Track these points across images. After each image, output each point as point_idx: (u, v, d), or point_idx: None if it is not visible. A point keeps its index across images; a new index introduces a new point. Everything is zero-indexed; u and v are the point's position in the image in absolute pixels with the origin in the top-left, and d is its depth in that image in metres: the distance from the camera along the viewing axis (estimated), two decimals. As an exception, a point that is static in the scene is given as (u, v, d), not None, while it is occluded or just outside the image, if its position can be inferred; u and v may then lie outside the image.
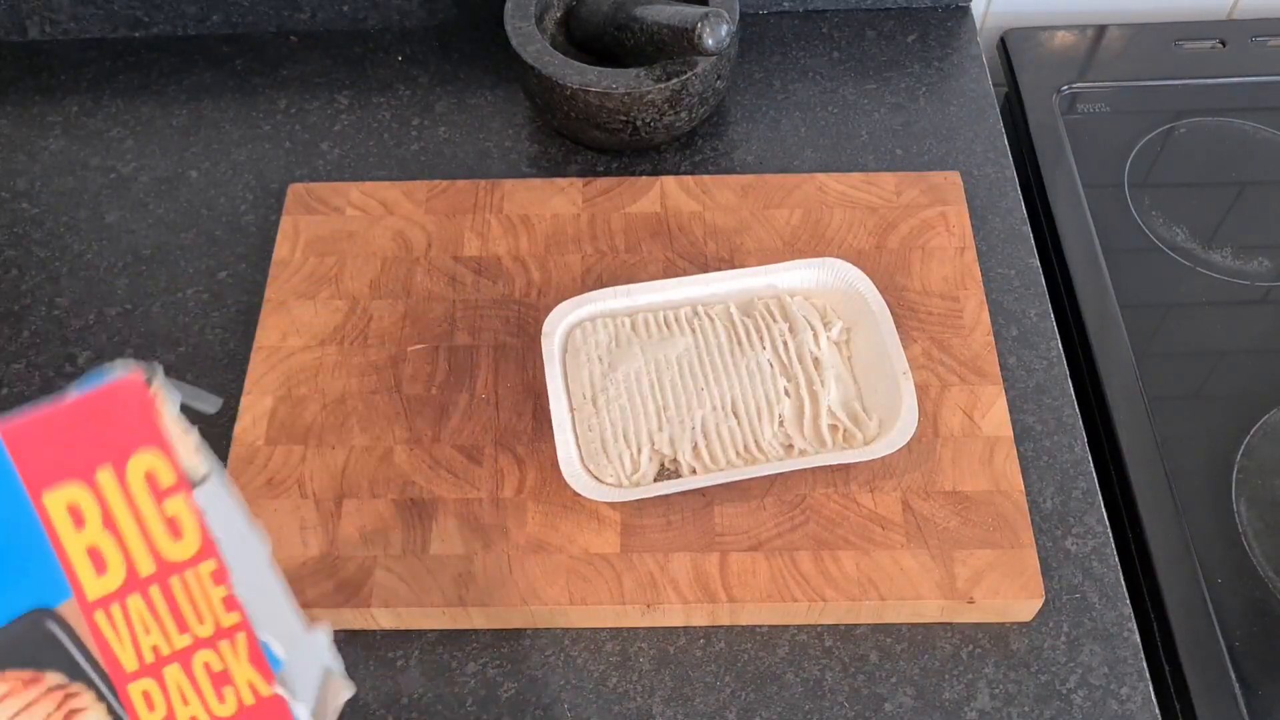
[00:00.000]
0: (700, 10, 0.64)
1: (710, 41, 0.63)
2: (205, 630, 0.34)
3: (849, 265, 0.63)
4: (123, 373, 0.34)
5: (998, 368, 0.61)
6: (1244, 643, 0.56)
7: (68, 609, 0.33)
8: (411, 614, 0.55)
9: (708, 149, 0.75)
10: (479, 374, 0.62)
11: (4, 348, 0.67)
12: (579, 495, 0.56)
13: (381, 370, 0.62)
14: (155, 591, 0.34)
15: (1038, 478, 0.60)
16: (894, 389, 0.58)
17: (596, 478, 0.57)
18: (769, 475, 0.57)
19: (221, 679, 0.35)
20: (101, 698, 0.34)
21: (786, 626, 0.56)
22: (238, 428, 0.60)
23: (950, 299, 0.64)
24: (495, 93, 0.78)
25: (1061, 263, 0.71)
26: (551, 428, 0.58)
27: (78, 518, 0.32)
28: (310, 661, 0.37)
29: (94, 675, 0.33)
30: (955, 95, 0.77)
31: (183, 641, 0.34)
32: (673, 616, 0.55)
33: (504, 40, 0.70)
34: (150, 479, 0.34)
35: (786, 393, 0.59)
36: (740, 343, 0.61)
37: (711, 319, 0.62)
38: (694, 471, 0.57)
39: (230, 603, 0.35)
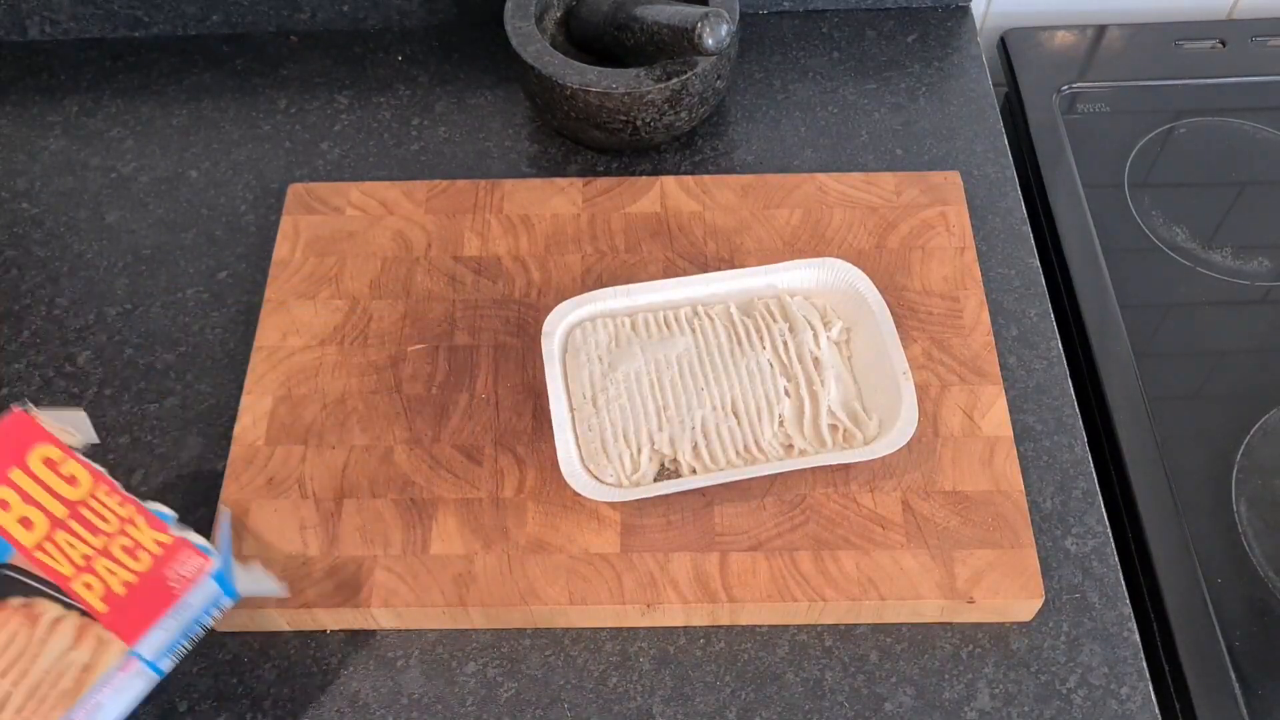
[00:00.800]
0: (700, 10, 0.64)
1: (710, 41, 0.63)
2: (112, 526, 0.48)
3: (849, 265, 0.63)
4: (8, 413, 0.49)
5: (998, 368, 0.61)
6: (1244, 643, 0.56)
7: (14, 559, 0.48)
8: (411, 614, 0.55)
9: (708, 149, 0.75)
10: (479, 374, 0.62)
11: (4, 348, 0.67)
12: (579, 495, 0.56)
13: (381, 370, 0.62)
14: (72, 523, 0.48)
15: (1038, 478, 0.60)
16: (894, 389, 0.58)
17: (596, 478, 0.57)
18: (769, 475, 0.57)
19: (135, 548, 0.48)
20: (55, 600, 0.47)
21: (786, 626, 0.56)
22: (238, 428, 0.60)
23: (950, 299, 0.64)
24: (495, 93, 0.79)
25: (1061, 263, 0.71)
26: (551, 428, 0.58)
27: (4, 505, 0.48)
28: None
29: (45, 589, 0.47)
30: (955, 95, 0.77)
31: (100, 541, 0.48)
32: (673, 616, 0.55)
33: (504, 40, 0.70)
34: (48, 462, 0.49)
35: (786, 393, 0.59)
36: (740, 343, 0.61)
37: (711, 319, 0.62)
38: (694, 471, 0.57)
39: (123, 501, 0.49)
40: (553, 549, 0.56)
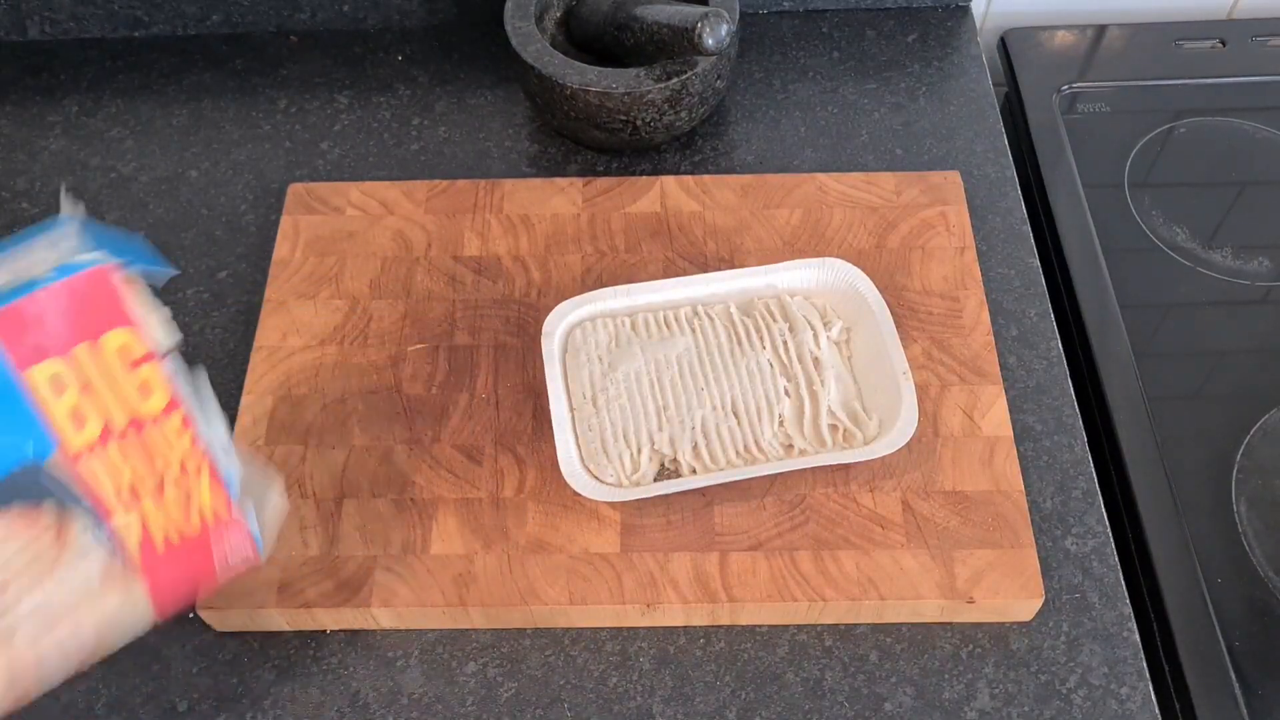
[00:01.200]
0: (700, 10, 0.64)
1: (710, 41, 0.63)
2: (174, 469, 0.41)
3: (849, 265, 0.63)
4: (94, 263, 0.39)
5: (998, 368, 0.61)
6: (1244, 643, 0.56)
7: (55, 461, 0.39)
8: (411, 614, 0.55)
9: (708, 149, 0.75)
10: (479, 374, 0.62)
11: (4, 348, 0.67)
12: (579, 495, 0.56)
13: (381, 370, 0.62)
14: (130, 440, 0.40)
15: (1038, 478, 0.60)
16: (894, 389, 0.58)
17: (596, 478, 0.57)
18: (769, 475, 0.57)
19: (189, 505, 0.41)
20: (89, 525, 0.40)
21: (786, 626, 0.56)
22: (238, 428, 0.60)
23: (950, 299, 0.64)
24: (495, 93, 0.79)
25: (1061, 263, 0.71)
26: (551, 428, 0.58)
27: (59, 387, 0.38)
28: (262, 498, 0.46)
29: (82, 508, 0.40)
30: (955, 95, 0.77)
31: (154, 479, 0.40)
32: (673, 616, 0.55)
33: (504, 40, 0.70)
34: (123, 352, 0.39)
35: (786, 393, 0.59)
36: (740, 343, 0.61)
37: (711, 319, 0.62)
38: (694, 471, 0.57)
39: (195, 446, 0.42)
40: (553, 549, 0.56)
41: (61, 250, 0.39)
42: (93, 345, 0.39)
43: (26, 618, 0.40)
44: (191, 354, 0.66)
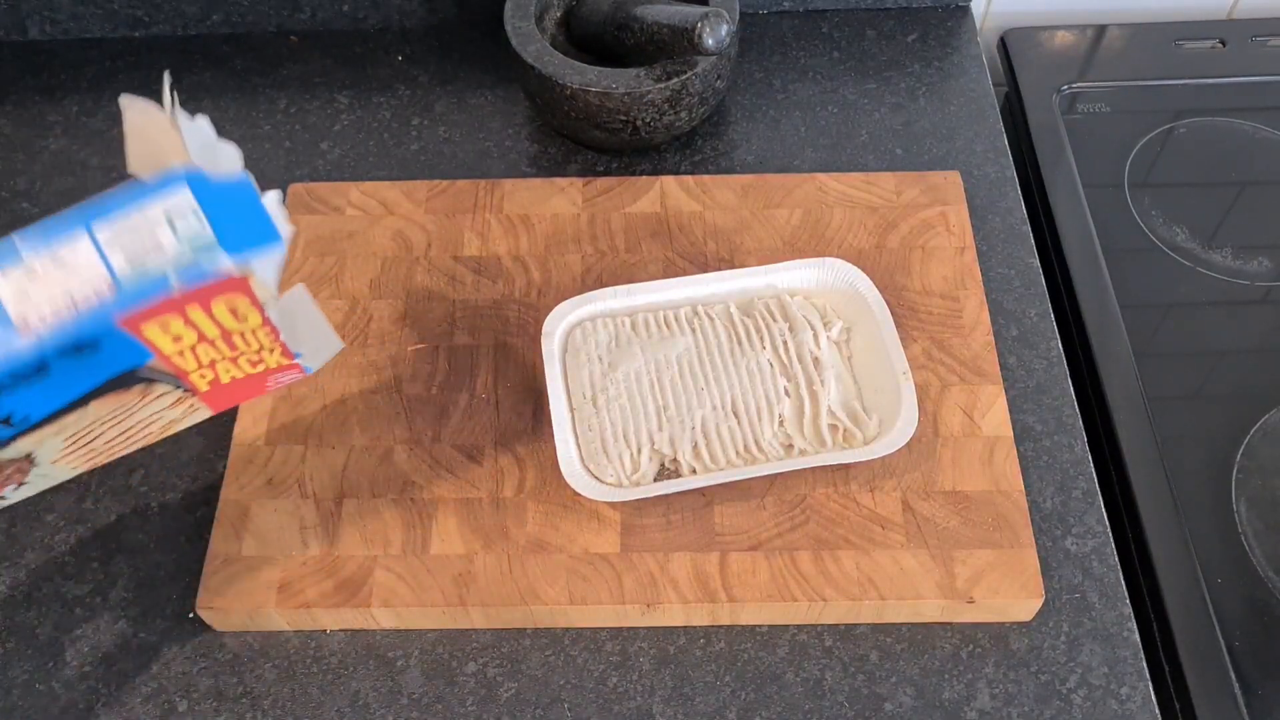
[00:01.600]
0: (700, 10, 0.64)
1: (710, 41, 0.63)
2: (250, 354, 0.46)
3: (849, 265, 0.63)
4: (218, 276, 0.42)
5: (998, 368, 0.61)
6: (1244, 643, 0.56)
7: (152, 363, 0.44)
8: (411, 614, 0.55)
9: (708, 149, 0.75)
10: (479, 374, 0.62)
11: (4, 348, 0.67)
12: (579, 495, 0.56)
13: (381, 370, 0.62)
14: (219, 341, 0.45)
15: (1038, 478, 0.60)
16: (894, 389, 0.58)
17: (596, 478, 0.57)
18: (769, 475, 0.57)
19: (258, 363, 0.47)
20: (172, 387, 0.46)
21: (786, 626, 0.56)
22: (238, 428, 0.60)
23: (950, 299, 0.64)
24: (495, 93, 0.79)
25: (1061, 263, 0.71)
26: (551, 428, 0.58)
27: (176, 337, 0.43)
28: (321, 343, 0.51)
29: (167, 380, 0.46)
30: (955, 95, 0.77)
31: (232, 356, 0.46)
32: (673, 616, 0.55)
33: (504, 40, 0.70)
34: (230, 306, 0.43)
35: (786, 392, 0.59)
36: (740, 343, 0.61)
37: (711, 319, 0.62)
38: (694, 471, 0.57)
39: (273, 343, 0.46)
40: (553, 549, 0.56)
41: (180, 228, 0.42)
42: (205, 309, 0.43)
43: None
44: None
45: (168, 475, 0.61)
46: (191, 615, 0.57)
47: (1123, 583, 0.57)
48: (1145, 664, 0.55)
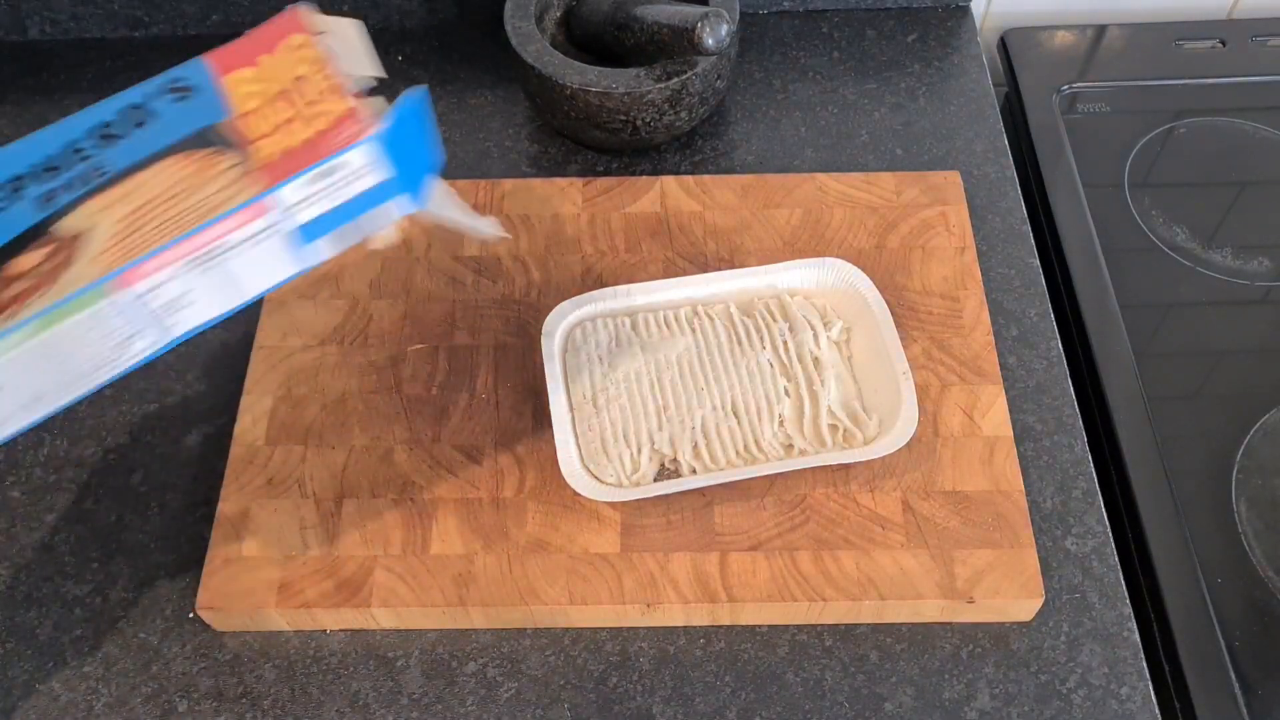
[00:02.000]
0: (700, 10, 0.64)
1: (710, 41, 0.63)
2: (312, 94, 0.45)
3: (849, 265, 0.63)
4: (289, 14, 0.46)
5: (998, 367, 0.61)
6: (1244, 643, 0.56)
7: (226, 123, 0.44)
8: (411, 614, 0.55)
9: (708, 149, 0.75)
10: (479, 374, 0.62)
11: (4, 348, 0.67)
12: (579, 495, 0.56)
13: (381, 370, 0.62)
14: (290, 94, 0.44)
15: (1038, 478, 0.60)
16: (894, 389, 0.58)
17: (596, 478, 0.57)
18: (769, 475, 0.57)
19: (317, 117, 0.45)
20: (234, 162, 0.43)
21: (786, 626, 0.56)
22: (238, 428, 0.60)
23: (950, 299, 0.64)
24: (495, 93, 0.78)
25: (1061, 263, 0.71)
26: (551, 428, 0.58)
27: (241, 80, 0.44)
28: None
29: (234, 150, 0.44)
30: (955, 95, 0.77)
31: (296, 109, 0.44)
32: (673, 616, 0.55)
33: (504, 40, 0.70)
34: (293, 48, 0.45)
35: (786, 392, 0.59)
36: (740, 343, 0.61)
37: (711, 319, 0.62)
38: (694, 471, 0.57)
39: (343, 94, 0.46)
40: (553, 549, 0.56)
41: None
42: (270, 53, 0.45)
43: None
44: (191, 354, 0.66)
45: (168, 475, 0.61)
46: (191, 615, 0.57)
47: (1123, 583, 0.57)
48: (1145, 664, 0.55)
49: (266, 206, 0.42)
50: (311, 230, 0.44)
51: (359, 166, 0.44)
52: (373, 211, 0.45)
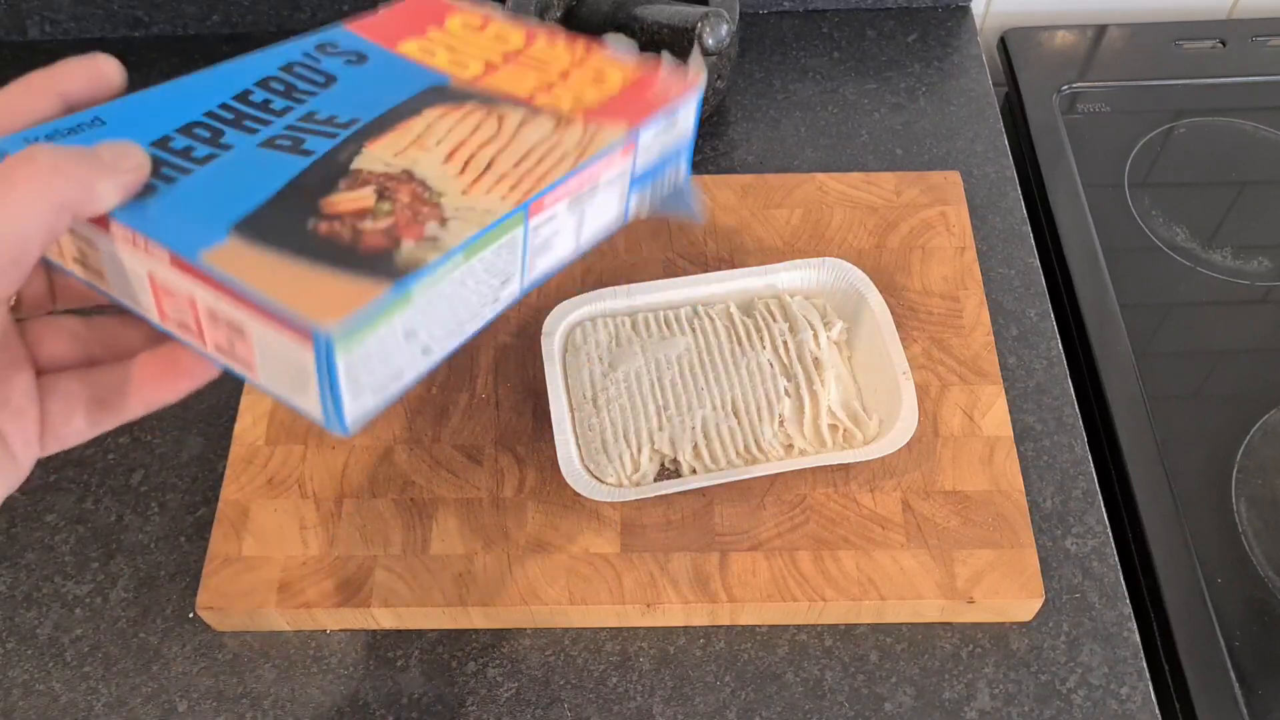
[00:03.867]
0: (700, 10, 0.64)
1: (710, 41, 0.63)
2: (561, 63, 0.44)
3: (849, 265, 0.63)
4: None
5: (998, 368, 0.61)
6: (1244, 643, 0.56)
7: (453, 85, 0.42)
8: (411, 614, 0.55)
9: (708, 149, 0.75)
10: (479, 374, 0.62)
11: (4, 348, 0.67)
12: (579, 495, 0.56)
13: (381, 370, 0.62)
14: (519, 62, 0.43)
15: (1038, 478, 0.60)
16: (894, 389, 0.58)
17: (597, 478, 0.57)
18: (769, 475, 0.57)
19: (600, 78, 0.43)
20: (517, 107, 0.42)
21: (786, 626, 0.56)
22: (238, 428, 0.60)
23: (950, 299, 0.64)
24: (495, 93, 0.78)
25: (1061, 263, 0.71)
26: (551, 428, 0.58)
27: (428, 53, 0.43)
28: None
29: (504, 104, 0.41)
30: (955, 95, 0.77)
31: (550, 76, 0.43)
32: (673, 616, 0.55)
33: (504, 40, 0.70)
34: (466, 25, 0.45)
35: (787, 393, 0.59)
36: (740, 343, 0.61)
37: (712, 319, 0.62)
38: (694, 471, 0.57)
39: (569, 44, 0.44)
40: (553, 549, 0.56)
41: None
42: (439, 26, 0.44)
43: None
44: (191, 354, 0.66)
45: (168, 475, 0.62)
46: (191, 615, 0.57)
47: (1123, 583, 0.57)
48: (1145, 664, 0.55)
49: (634, 147, 0.41)
50: (639, 182, 0.43)
51: (681, 120, 0.44)
52: (667, 173, 0.45)
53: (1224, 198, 0.75)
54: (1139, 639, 0.55)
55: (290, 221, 0.34)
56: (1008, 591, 0.54)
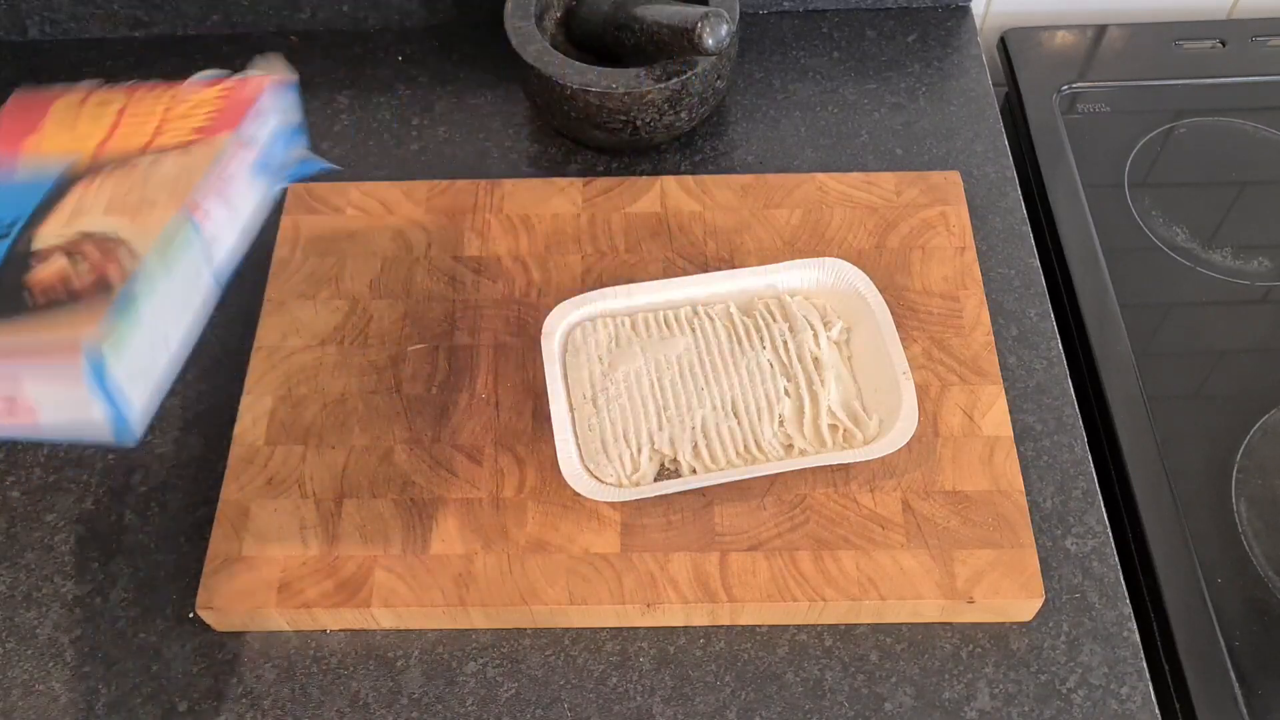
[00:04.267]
0: (700, 10, 0.64)
1: (710, 41, 0.63)
2: (157, 115, 0.51)
3: (849, 265, 0.63)
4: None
5: (998, 368, 0.61)
6: (1244, 643, 0.56)
7: (83, 159, 0.48)
8: (411, 614, 0.55)
9: (708, 149, 0.75)
10: (479, 374, 0.62)
11: (4, 348, 0.67)
12: (579, 495, 0.56)
13: (381, 370, 0.62)
14: (120, 130, 0.50)
15: (1038, 478, 0.60)
16: (894, 389, 0.58)
17: (596, 478, 0.57)
18: (769, 475, 0.57)
19: (192, 112, 0.51)
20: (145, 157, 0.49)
21: (786, 626, 0.56)
22: (238, 428, 0.60)
23: (950, 299, 0.64)
24: (495, 93, 0.79)
25: (1061, 263, 0.71)
26: (551, 428, 0.58)
27: (51, 141, 0.50)
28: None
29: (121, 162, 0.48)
30: (955, 95, 0.77)
31: (154, 124, 0.50)
32: (673, 616, 0.55)
33: (504, 40, 0.70)
34: (72, 106, 0.51)
35: (786, 392, 0.59)
36: (740, 342, 0.61)
37: (711, 319, 0.62)
38: (694, 471, 0.57)
39: (158, 95, 0.51)
40: (553, 549, 0.56)
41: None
42: (46, 115, 0.51)
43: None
44: (191, 354, 0.66)
45: (168, 475, 0.61)
46: (191, 615, 0.57)
47: (1123, 583, 0.57)
48: (1145, 664, 0.55)
49: (244, 143, 0.50)
50: (265, 165, 0.51)
51: (279, 110, 0.52)
52: (290, 150, 0.53)
53: (1224, 198, 0.75)
54: (1139, 639, 0.55)
55: (11, 303, 0.41)
56: (1008, 591, 0.54)
